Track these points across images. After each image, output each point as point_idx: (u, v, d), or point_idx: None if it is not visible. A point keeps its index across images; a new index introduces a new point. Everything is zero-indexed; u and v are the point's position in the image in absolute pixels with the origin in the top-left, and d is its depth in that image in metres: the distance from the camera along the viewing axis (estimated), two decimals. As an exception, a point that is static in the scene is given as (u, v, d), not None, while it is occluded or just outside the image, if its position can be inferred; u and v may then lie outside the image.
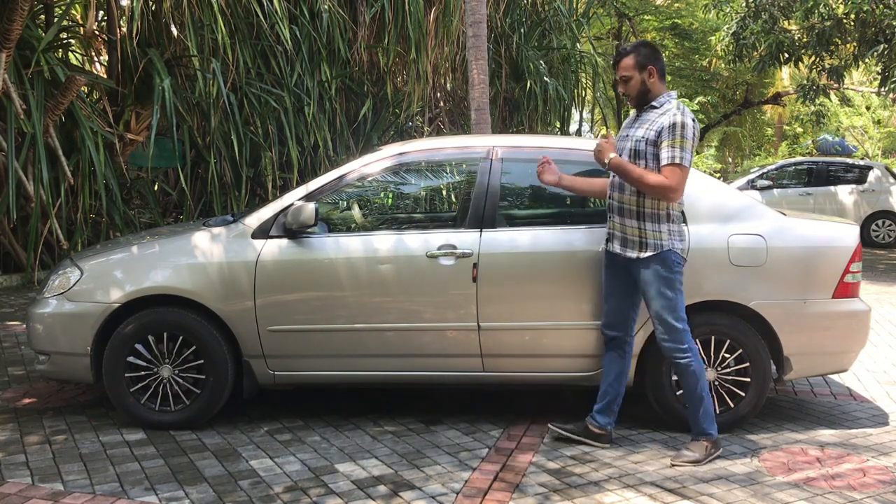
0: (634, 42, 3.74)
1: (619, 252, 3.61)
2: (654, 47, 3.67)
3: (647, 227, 3.53)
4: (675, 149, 3.42)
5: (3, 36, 7.35)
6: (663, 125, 3.45)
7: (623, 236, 3.60)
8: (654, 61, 3.56)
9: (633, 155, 3.54)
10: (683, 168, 3.42)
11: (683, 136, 3.41)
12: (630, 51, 3.60)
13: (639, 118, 3.63)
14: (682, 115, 3.44)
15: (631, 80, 3.58)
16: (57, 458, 3.57)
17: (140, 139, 9.19)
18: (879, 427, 4.10)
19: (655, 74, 3.56)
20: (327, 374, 4.02)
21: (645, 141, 3.50)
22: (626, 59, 3.59)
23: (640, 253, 3.54)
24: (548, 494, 3.20)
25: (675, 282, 3.53)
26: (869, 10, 10.49)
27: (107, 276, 3.99)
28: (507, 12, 11.82)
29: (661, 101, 3.55)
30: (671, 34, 20.72)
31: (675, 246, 3.53)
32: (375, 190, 4.57)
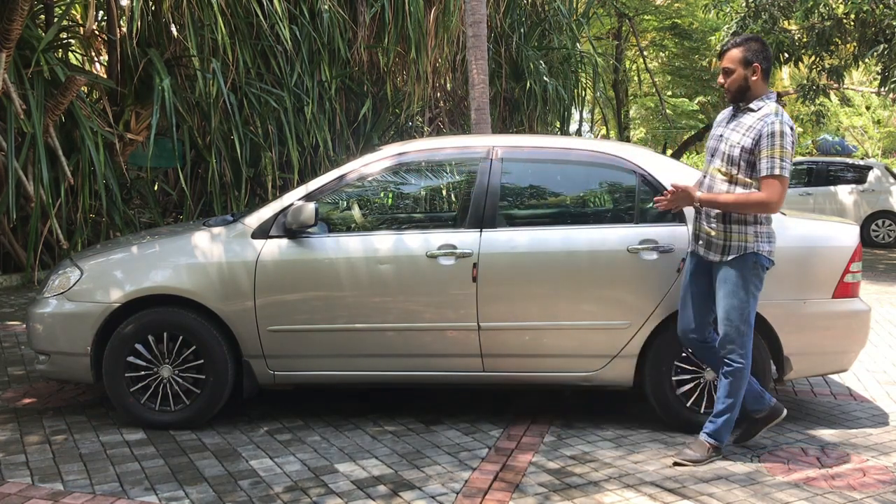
0: (746, 35, 3.62)
1: (702, 255, 3.56)
2: (765, 44, 3.52)
3: (733, 230, 3.45)
4: (774, 159, 3.32)
5: (3, 36, 7.35)
6: (761, 133, 3.35)
7: (708, 239, 3.53)
8: (761, 59, 3.45)
9: (727, 160, 3.46)
10: (783, 179, 3.33)
11: (783, 145, 3.31)
12: (739, 43, 3.48)
13: (734, 118, 3.53)
14: (780, 124, 3.33)
15: (733, 72, 3.47)
16: (57, 458, 3.57)
17: (140, 139, 9.19)
18: (879, 427, 4.10)
19: (759, 73, 3.45)
20: (327, 374, 4.02)
21: (741, 147, 3.41)
22: (733, 50, 3.48)
23: (722, 256, 3.47)
24: (548, 494, 3.20)
25: (750, 285, 3.44)
26: (869, 10, 10.49)
27: (107, 276, 3.99)
28: (507, 12, 11.82)
29: (760, 105, 3.45)
30: (671, 34, 20.71)
31: (760, 248, 3.44)
32: (375, 190, 4.57)
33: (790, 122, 3.39)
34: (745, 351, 3.46)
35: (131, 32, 8.23)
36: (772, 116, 3.37)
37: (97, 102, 9.18)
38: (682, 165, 4.19)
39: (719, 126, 3.61)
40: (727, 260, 3.46)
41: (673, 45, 21.54)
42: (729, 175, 3.47)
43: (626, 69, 22.29)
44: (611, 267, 3.86)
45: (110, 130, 8.75)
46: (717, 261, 3.50)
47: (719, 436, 3.54)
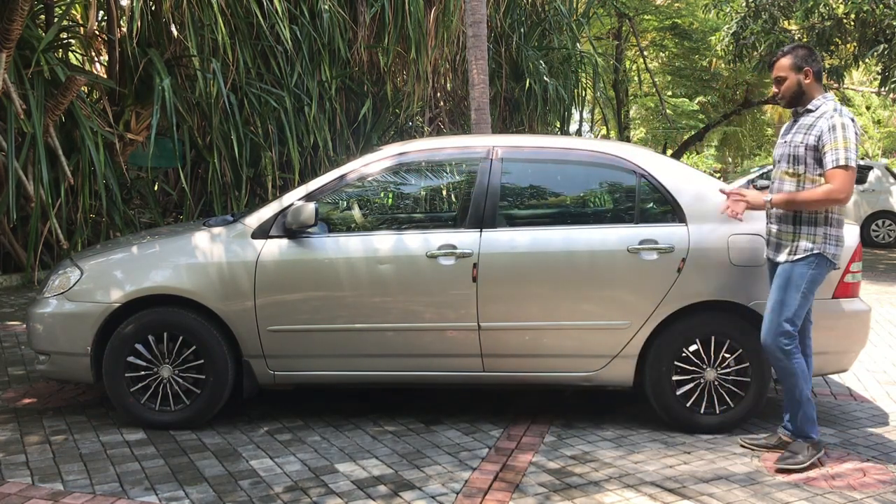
0: (792, 44, 3.69)
1: (772, 258, 3.58)
2: (811, 49, 3.60)
3: (803, 231, 3.47)
4: (838, 151, 3.35)
5: (3, 36, 7.35)
6: (822, 129, 3.40)
7: (778, 241, 3.55)
8: (810, 63, 3.51)
9: (793, 160, 3.49)
10: (850, 169, 3.34)
11: (846, 136, 3.35)
12: (787, 52, 3.56)
13: (795, 123, 3.57)
14: (840, 117, 3.39)
15: (786, 80, 3.54)
16: (57, 458, 3.57)
17: (140, 139, 9.19)
18: (879, 427, 4.10)
19: (811, 76, 3.51)
20: (327, 374, 4.02)
21: (804, 146, 3.45)
22: (782, 59, 3.56)
23: (789, 256, 3.48)
24: (548, 494, 3.20)
25: (804, 286, 3.44)
26: (869, 10, 10.49)
27: (107, 276, 3.99)
28: (507, 12, 11.82)
29: (817, 104, 3.50)
30: (671, 34, 20.70)
31: (826, 250, 3.46)
32: (375, 190, 4.57)
33: (851, 115, 3.44)
34: (788, 348, 3.44)
35: (131, 32, 8.23)
36: (830, 112, 3.43)
37: (97, 102, 9.18)
38: (683, 166, 4.19)
39: (783, 136, 3.65)
40: (792, 259, 3.47)
41: (673, 45, 21.53)
42: (796, 175, 3.49)
43: (626, 69, 22.28)
44: (611, 267, 3.86)
45: (110, 130, 8.75)
46: (782, 260, 3.51)
47: (807, 433, 3.51)
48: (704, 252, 3.84)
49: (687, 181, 3.99)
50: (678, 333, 3.87)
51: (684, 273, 3.82)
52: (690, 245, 3.83)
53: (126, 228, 8.64)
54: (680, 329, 3.86)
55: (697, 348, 3.88)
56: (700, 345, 3.87)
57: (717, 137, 30.73)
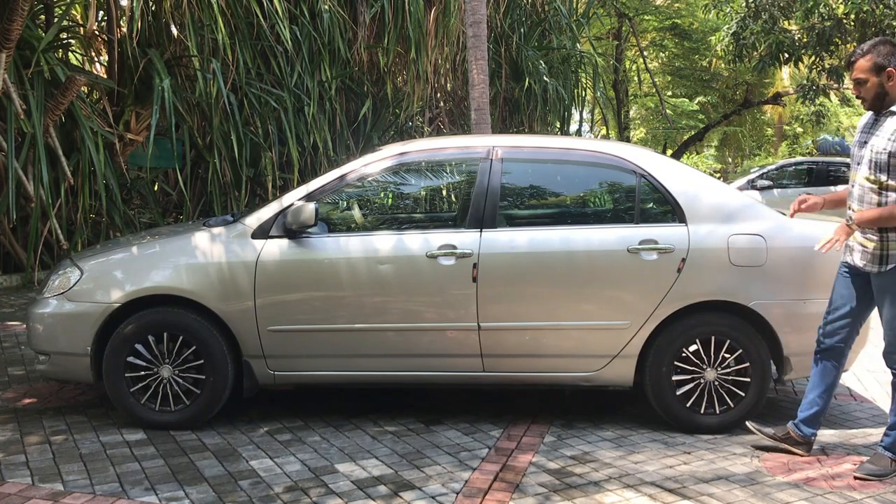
0: (873, 40, 3.37)
1: (859, 266, 3.45)
2: (892, 44, 3.33)
3: (891, 238, 3.32)
4: None
5: (3, 36, 7.35)
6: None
7: (863, 250, 3.41)
8: (892, 60, 3.28)
9: (875, 167, 3.31)
10: None
11: None
12: (867, 51, 3.32)
13: (877, 123, 3.38)
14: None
15: (867, 82, 3.33)
16: (57, 458, 3.57)
17: (140, 139, 9.19)
18: (879, 427, 4.09)
19: (894, 75, 3.29)
20: (327, 374, 4.02)
21: (888, 153, 3.26)
22: (861, 60, 3.33)
23: (880, 267, 3.36)
24: (548, 494, 3.20)
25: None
26: (869, 10, 10.50)
27: (107, 276, 3.99)
28: (507, 12, 11.82)
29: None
30: (671, 34, 20.71)
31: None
32: (376, 190, 4.57)
33: None
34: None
35: (131, 32, 8.23)
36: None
37: (97, 102, 9.18)
38: (683, 166, 4.19)
39: (863, 133, 3.46)
40: (885, 270, 3.36)
41: (673, 45, 21.55)
42: (878, 182, 3.32)
43: (626, 69, 22.30)
44: (611, 267, 3.86)
45: (110, 130, 8.75)
46: (875, 272, 3.39)
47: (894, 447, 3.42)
48: (704, 252, 3.84)
49: (687, 181, 3.99)
50: (678, 333, 3.87)
51: (684, 273, 3.82)
52: (690, 245, 3.83)
53: (126, 228, 8.64)
54: (680, 329, 3.86)
55: (697, 348, 3.88)
56: (700, 345, 3.87)
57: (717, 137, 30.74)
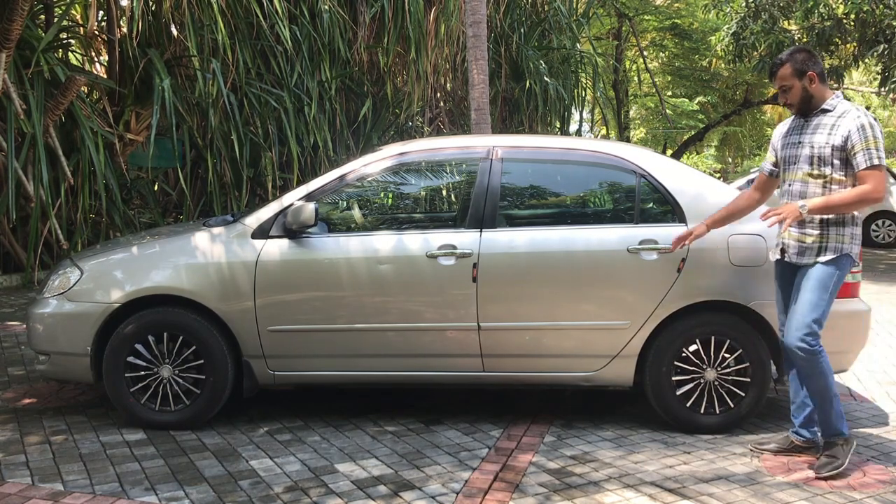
0: (789, 50, 3.56)
1: (794, 262, 3.50)
2: (810, 52, 3.52)
3: (831, 233, 3.41)
4: (870, 150, 3.31)
5: (3, 36, 7.35)
6: (850, 129, 3.34)
7: (801, 245, 3.47)
8: (812, 66, 3.44)
9: (818, 162, 3.41)
10: (882, 168, 3.32)
11: (875, 136, 3.32)
12: (785, 60, 3.47)
13: (810, 123, 3.49)
14: (865, 116, 3.35)
15: (791, 88, 3.47)
16: (57, 458, 3.57)
17: (140, 139, 9.20)
18: (879, 427, 4.10)
19: (816, 79, 3.44)
20: (327, 374, 4.02)
21: (830, 147, 3.37)
22: (782, 69, 3.48)
23: (817, 258, 3.42)
24: (548, 494, 3.20)
25: (832, 286, 3.40)
26: (869, 10, 10.50)
27: (107, 276, 3.99)
28: (507, 12, 11.82)
29: (834, 104, 3.44)
30: (671, 34, 20.71)
31: (853, 251, 3.44)
32: (375, 190, 4.57)
33: (872, 115, 3.41)
34: (813, 349, 3.39)
35: (131, 32, 8.24)
36: (854, 111, 3.39)
37: (97, 102, 9.18)
38: (683, 166, 4.19)
39: (793, 135, 3.55)
40: (822, 261, 3.41)
41: (673, 45, 21.55)
42: (821, 176, 3.42)
43: (626, 69, 22.30)
44: (611, 267, 3.86)
45: (110, 130, 8.75)
46: (811, 262, 3.43)
47: (838, 429, 3.45)
48: (704, 252, 3.84)
49: (687, 181, 3.99)
50: (678, 333, 3.87)
51: (684, 273, 3.82)
52: (690, 245, 3.83)
53: (126, 228, 8.64)
54: (680, 329, 3.86)
55: (697, 348, 3.88)
56: (700, 345, 3.87)
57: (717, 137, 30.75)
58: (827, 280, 3.41)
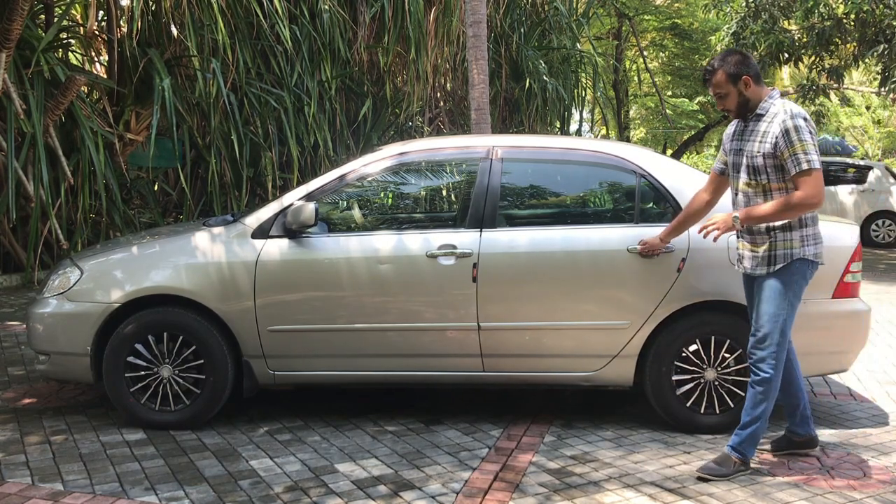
0: (721, 54, 3.43)
1: (750, 273, 3.41)
2: (743, 53, 3.40)
3: (778, 239, 3.31)
4: (798, 155, 3.19)
5: (3, 36, 7.35)
6: (776, 134, 3.24)
7: (753, 254, 3.39)
8: (745, 68, 3.32)
9: (752, 171, 3.33)
10: (815, 171, 3.18)
11: (801, 139, 3.19)
12: (718, 66, 3.36)
13: (747, 129, 3.40)
14: (791, 119, 3.22)
15: (727, 95, 3.36)
16: (57, 458, 3.57)
17: (140, 139, 9.20)
18: (879, 427, 4.10)
19: (751, 82, 3.32)
20: (327, 374, 4.02)
21: (762, 155, 3.28)
22: (716, 75, 3.36)
23: (768, 268, 3.33)
24: (548, 494, 3.20)
25: (790, 294, 3.30)
26: (869, 10, 10.50)
27: (107, 276, 3.99)
28: (507, 12, 11.82)
29: (766, 107, 3.33)
30: (671, 34, 20.72)
31: (806, 253, 3.30)
32: (375, 190, 4.57)
33: (802, 114, 3.25)
34: (776, 362, 3.33)
35: (131, 32, 8.24)
36: (781, 115, 3.26)
37: (97, 102, 9.18)
38: (683, 166, 4.19)
39: (734, 140, 3.48)
40: (773, 271, 3.33)
41: (673, 45, 21.55)
42: (759, 185, 3.35)
43: (626, 69, 22.30)
44: (611, 267, 3.86)
45: (110, 130, 8.75)
46: (764, 273, 3.35)
47: (744, 449, 3.39)
48: (704, 252, 3.83)
49: (687, 181, 3.99)
50: (678, 333, 3.86)
51: (684, 273, 3.82)
52: (690, 245, 3.83)
53: (126, 228, 8.64)
54: (680, 329, 3.86)
55: (697, 348, 3.88)
56: (700, 345, 3.87)
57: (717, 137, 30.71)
58: (782, 290, 3.31)
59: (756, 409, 3.37)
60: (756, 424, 3.37)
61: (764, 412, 3.37)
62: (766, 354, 3.33)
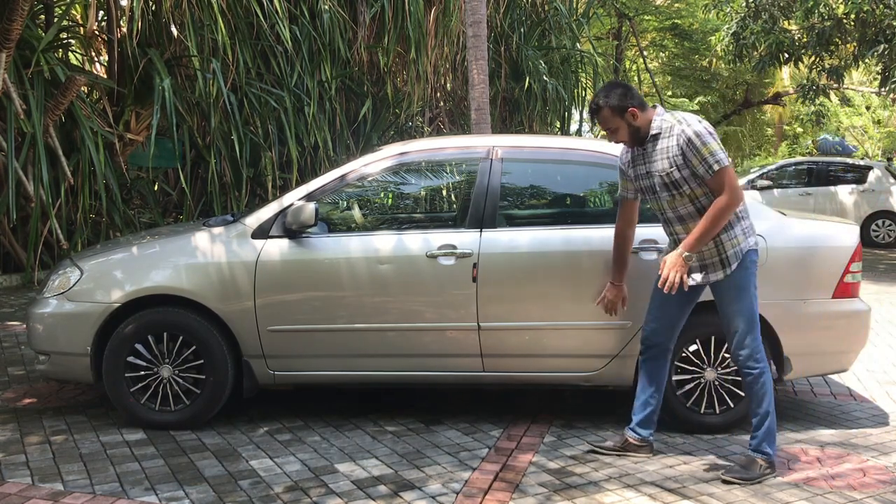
0: (604, 88, 3.49)
1: (701, 282, 3.43)
2: (625, 85, 3.48)
3: (724, 240, 3.36)
4: (707, 159, 3.25)
5: (3, 36, 7.35)
6: (681, 146, 3.30)
7: (701, 263, 3.41)
8: (630, 100, 3.38)
9: (671, 187, 3.37)
10: (725, 167, 3.26)
11: (703, 143, 3.26)
12: (601, 104, 3.40)
13: (647, 152, 3.44)
14: (688, 127, 3.29)
15: (618, 129, 3.42)
16: (57, 458, 3.57)
17: (140, 139, 9.19)
18: (879, 427, 4.10)
19: (637, 112, 3.37)
20: (327, 374, 4.02)
21: (676, 168, 3.33)
22: (601, 114, 3.42)
23: (725, 271, 3.37)
24: (548, 494, 3.20)
25: (751, 286, 3.38)
26: (869, 10, 10.50)
27: (107, 276, 3.99)
28: (507, 12, 11.82)
29: (659, 125, 3.38)
30: (671, 34, 20.71)
31: (750, 244, 3.39)
32: (376, 190, 4.57)
33: (695, 119, 3.34)
34: (759, 355, 3.38)
35: (131, 32, 8.23)
36: (677, 127, 3.33)
37: (97, 102, 9.18)
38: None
39: (636, 166, 3.52)
40: (730, 272, 3.37)
41: (673, 45, 21.55)
42: (684, 196, 3.37)
43: (626, 69, 22.28)
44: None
45: (110, 130, 8.75)
46: (721, 278, 3.40)
47: (766, 448, 3.40)
48: (704, 252, 3.83)
49: None
50: (678, 333, 3.86)
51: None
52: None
53: (126, 228, 8.64)
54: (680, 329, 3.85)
55: (697, 348, 3.88)
56: (700, 345, 3.87)
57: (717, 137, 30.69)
58: (744, 285, 3.37)
59: (762, 406, 3.40)
60: (768, 420, 3.40)
61: (770, 404, 3.40)
62: (751, 351, 3.38)
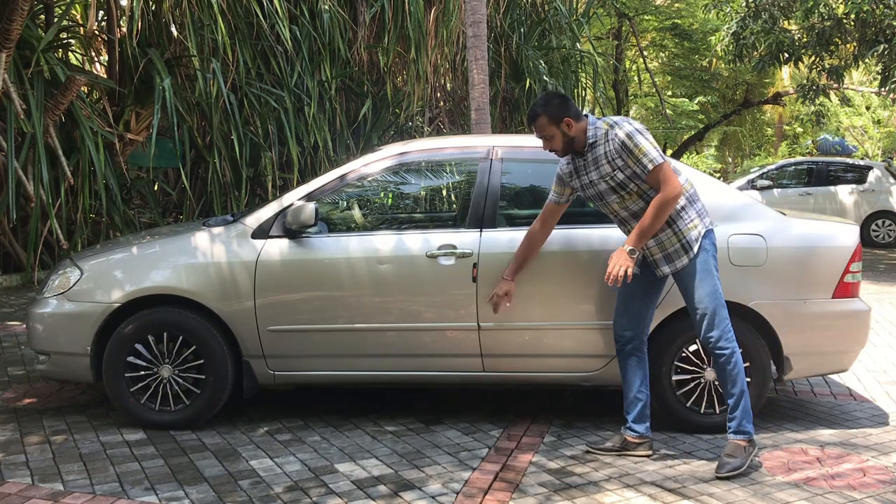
0: (543, 97, 3.56)
1: (667, 272, 3.50)
2: (563, 96, 3.56)
3: (681, 226, 3.43)
4: (641, 159, 3.34)
5: (3, 36, 7.35)
6: (616, 149, 3.38)
7: (664, 254, 3.48)
8: (566, 111, 3.45)
9: (618, 188, 3.43)
10: (660, 164, 3.34)
11: (637, 143, 3.34)
12: (539, 112, 3.47)
13: (587, 160, 3.50)
14: (619, 130, 3.37)
15: (553, 137, 3.49)
16: (57, 458, 3.57)
17: (140, 139, 9.20)
18: (879, 427, 4.10)
19: (573, 122, 3.45)
20: (327, 374, 4.02)
21: (618, 170, 3.40)
22: (538, 120, 3.48)
23: (688, 255, 3.44)
24: (548, 494, 3.20)
25: (711, 266, 3.45)
26: (869, 10, 10.49)
27: (107, 275, 3.99)
28: (507, 12, 11.82)
29: (594, 134, 3.46)
30: (671, 34, 20.71)
31: (707, 223, 3.48)
32: (376, 190, 4.57)
33: (625, 121, 3.42)
34: (729, 335, 3.44)
35: (131, 32, 8.24)
36: (610, 132, 3.41)
37: (97, 102, 9.18)
38: (682, 165, 4.18)
39: (579, 176, 3.56)
40: (692, 255, 3.44)
41: (673, 45, 21.54)
42: (632, 193, 3.43)
43: (626, 69, 22.29)
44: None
45: (110, 130, 8.75)
46: (685, 264, 3.46)
47: (744, 427, 3.45)
48: (704, 252, 3.83)
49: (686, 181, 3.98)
50: (678, 333, 3.86)
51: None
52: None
53: (126, 228, 8.64)
54: (680, 329, 3.86)
55: (697, 348, 3.88)
56: (700, 345, 3.87)
57: (717, 137, 30.75)
58: (706, 267, 3.44)
59: (736, 385, 3.46)
60: (742, 400, 3.47)
61: (742, 384, 3.46)
62: (721, 332, 3.44)
